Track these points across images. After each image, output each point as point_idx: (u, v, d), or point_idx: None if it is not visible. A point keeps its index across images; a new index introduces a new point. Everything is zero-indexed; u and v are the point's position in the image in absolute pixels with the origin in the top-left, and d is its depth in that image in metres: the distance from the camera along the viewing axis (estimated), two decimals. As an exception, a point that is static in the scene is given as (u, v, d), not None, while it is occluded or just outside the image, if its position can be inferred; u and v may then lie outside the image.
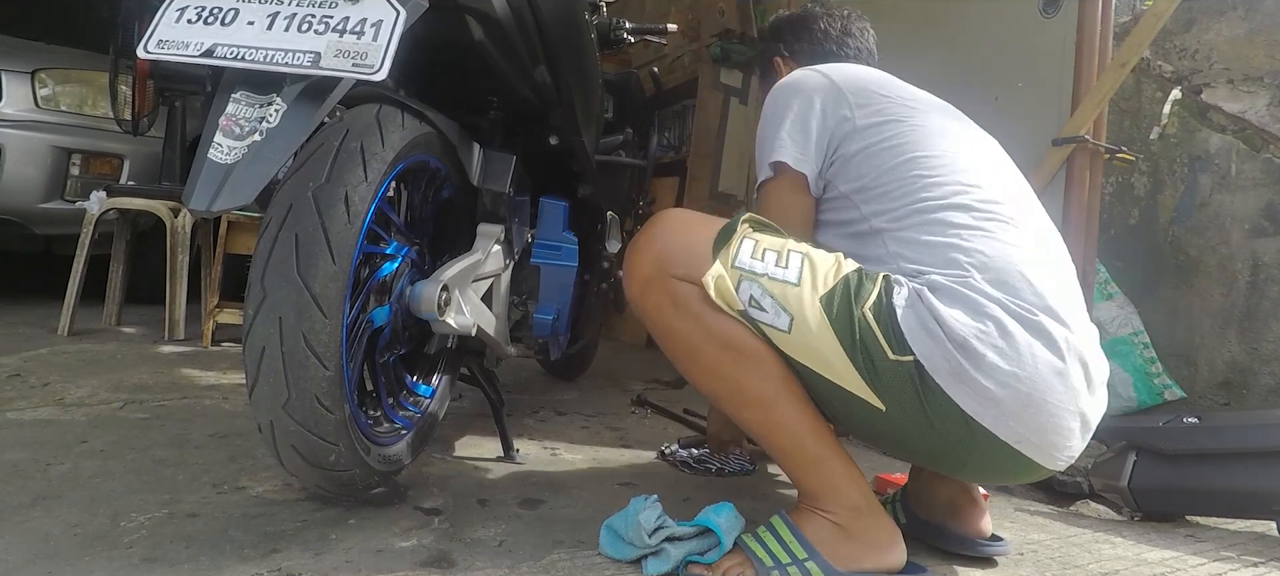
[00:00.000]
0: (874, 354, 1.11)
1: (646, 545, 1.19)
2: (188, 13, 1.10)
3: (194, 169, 1.03)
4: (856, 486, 1.19)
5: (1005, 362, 1.08)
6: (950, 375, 1.09)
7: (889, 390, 1.12)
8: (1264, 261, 2.54)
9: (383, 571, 1.12)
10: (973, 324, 1.09)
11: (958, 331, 1.08)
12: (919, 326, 1.10)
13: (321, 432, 1.12)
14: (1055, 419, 1.11)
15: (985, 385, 1.08)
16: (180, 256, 2.89)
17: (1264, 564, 1.49)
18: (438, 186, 1.49)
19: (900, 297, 1.12)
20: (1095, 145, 2.15)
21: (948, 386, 1.09)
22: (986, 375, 1.08)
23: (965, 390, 1.09)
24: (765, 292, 1.14)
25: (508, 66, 1.48)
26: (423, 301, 1.29)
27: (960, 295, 1.11)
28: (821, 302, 1.13)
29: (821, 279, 1.15)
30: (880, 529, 1.19)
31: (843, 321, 1.12)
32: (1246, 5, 2.69)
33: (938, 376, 1.09)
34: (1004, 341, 1.09)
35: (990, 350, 1.08)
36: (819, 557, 1.15)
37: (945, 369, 1.09)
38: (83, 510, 1.26)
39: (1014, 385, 1.08)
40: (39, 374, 2.17)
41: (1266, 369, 2.50)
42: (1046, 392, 1.10)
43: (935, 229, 1.19)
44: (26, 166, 3.07)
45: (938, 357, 1.09)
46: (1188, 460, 1.72)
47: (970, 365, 1.08)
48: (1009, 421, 1.10)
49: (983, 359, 1.08)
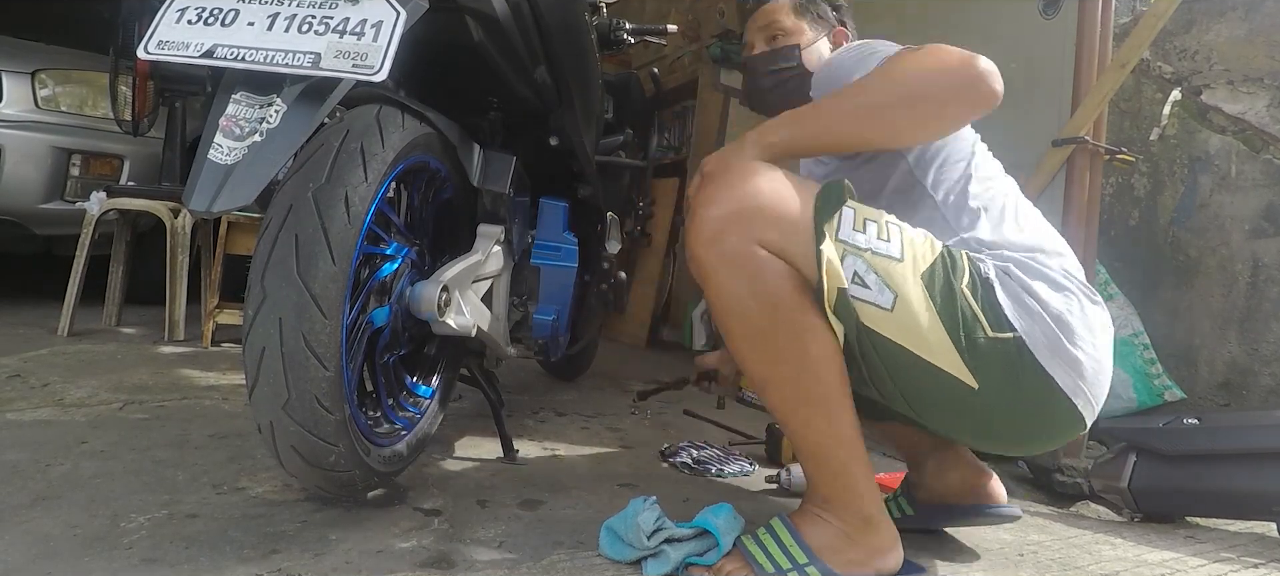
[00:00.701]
0: (974, 332, 1.11)
1: (645, 546, 1.19)
2: (188, 13, 1.10)
3: (194, 169, 1.03)
4: (873, 499, 1.18)
5: (1090, 334, 1.14)
6: (1048, 350, 1.12)
7: (984, 368, 1.11)
8: (1264, 262, 2.54)
9: (383, 572, 1.12)
10: (1061, 298, 1.14)
11: (1054, 306, 1.12)
12: (1015, 302, 1.12)
13: (321, 433, 1.11)
14: (1108, 382, 1.19)
15: (1078, 357, 1.12)
16: (180, 257, 2.89)
17: (1264, 565, 1.49)
18: (438, 187, 1.49)
19: (992, 272, 1.15)
20: (1095, 146, 2.15)
21: (1046, 361, 1.12)
22: (1079, 347, 1.12)
23: (1060, 363, 1.12)
24: (870, 268, 1.09)
25: (508, 67, 1.48)
26: (423, 302, 1.29)
27: (1039, 271, 1.16)
28: (923, 279, 1.11)
29: (921, 254, 1.13)
30: (884, 535, 1.19)
31: (946, 299, 1.10)
32: (1246, 6, 2.69)
33: (1037, 352, 1.11)
34: (1083, 314, 1.14)
35: (1078, 324, 1.13)
36: (820, 563, 1.14)
37: (1044, 343, 1.11)
38: (82, 511, 1.25)
39: (1096, 355, 1.14)
40: (39, 374, 2.17)
41: (1266, 370, 2.50)
42: (1109, 360, 1.18)
43: (989, 210, 1.24)
44: (26, 167, 3.07)
45: (1037, 333, 1.11)
46: (1188, 461, 1.72)
47: (1066, 339, 1.12)
48: (1088, 389, 1.15)
49: (1074, 332, 1.12)
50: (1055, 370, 1.12)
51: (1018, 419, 1.18)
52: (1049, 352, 1.12)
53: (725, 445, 2.03)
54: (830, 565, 1.14)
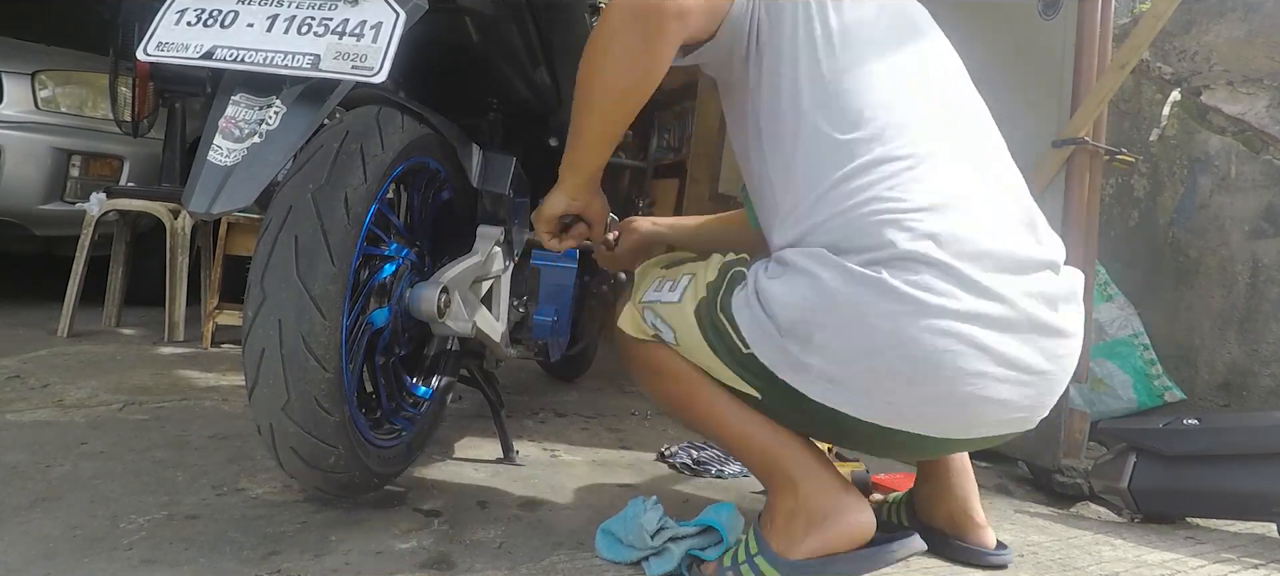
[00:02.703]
0: (734, 349, 1.09)
1: (649, 546, 1.19)
2: (187, 15, 1.10)
3: (193, 171, 1.03)
4: (789, 455, 1.13)
5: (838, 339, 0.99)
6: (788, 367, 1.03)
7: (757, 378, 1.09)
8: (1264, 263, 2.54)
9: (382, 573, 1.12)
10: (798, 301, 1.01)
11: (783, 317, 1.02)
12: (752, 319, 1.06)
13: (321, 435, 1.11)
14: (931, 384, 0.99)
15: (822, 368, 1.00)
16: (180, 258, 2.89)
17: (1264, 565, 1.48)
18: (437, 188, 1.49)
19: (737, 296, 1.09)
20: (1095, 147, 2.15)
21: (790, 379, 1.04)
22: (820, 356, 1.00)
23: (806, 379, 1.03)
24: (656, 316, 1.20)
25: (507, 68, 1.48)
26: (422, 303, 1.29)
27: (794, 261, 1.04)
28: (695, 313, 1.14)
29: (696, 291, 1.15)
30: (820, 497, 1.10)
31: (707, 325, 1.12)
32: (1246, 7, 2.69)
33: (778, 371, 1.05)
34: (833, 313, 0.99)
35: (819, 330, 1.00)
36: (767, 550, 1.11)
37: (781, 361, 1.04)
38: (82, 511, 1.25)
39: (852, 361, 1.00)
40: (38, 375, 2.17)
41: (1266, 370, 2.50)
42: (898, 356, 0.98)
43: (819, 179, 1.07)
44: (26, 168, 3.06)
45: (770, 349, 1.04)
46: (1188, 462, 1.72)
47: (802, 351, 1.01)
48: (867, 400, 1.02)
49: (812, 341, 1.00)
50: (802, 385, 1.03)
51: (816, 425, 1.11)
52: (788, 369, 1.04)
53: (725, 446, 2.03)
54: (776, 551, 1.10)
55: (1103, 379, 2.60)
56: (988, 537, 1.35)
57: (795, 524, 1.10)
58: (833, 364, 1.01)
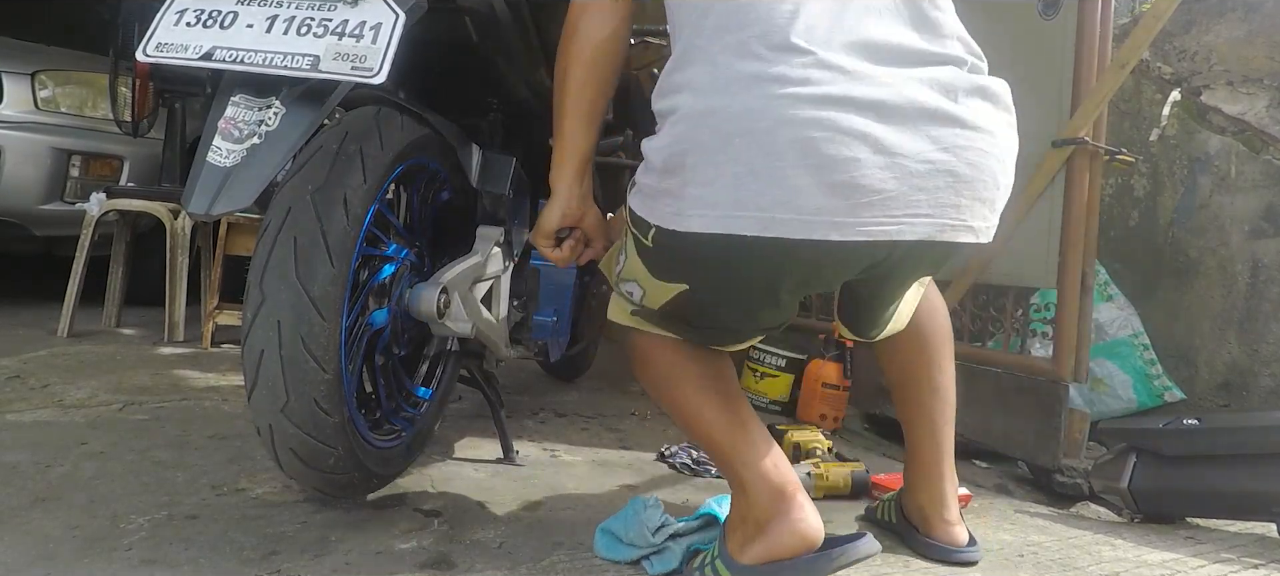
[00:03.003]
0: (647, 255, 1.09)
1: (651, 544, 1.19)
2: (187, 15, 1.10)
3: (193, 171, 1.03)
4: (742, 459, 1.11)
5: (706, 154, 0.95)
6: (674, 215, 0.99)
7: (672, 269, 1.08)
8: (1264, 263, 2.54)
9: (382, 573, 1.12)
10: (665, 143, 0.99)
11: (658, 161, 1.00)
12: (640, 199, 1.06)
13: (320, 435, 1.12)
14: (804, 176, 0.92)
15: (697, 192, 0.96)
16: (180, 258, 2.89)
17: (1264, 565, 1.48)
18: (437, 188, 1.49)
19: (630, 192, 1.10)
20: (1095, 147, 2.15)
21: (677, 226, 0.99)
22: (694, 178, 0.96)
23: (687, 213, 0.97)
24: (624, 281, 1.18)
25: (507, 68, 1.48)
26: (422, 304, 1.29)
27: (666, 106, 1.02)
28: (634, 248, 1.12)
29: (628, 241, 1.15)
30: (762, 503, 1.09)
31: (637, 248, 1.12)
32: (1246, 7, 2.69)
33: (665, 223, 1.01)
34: (689, 124, 0.97)
35: (689, 153, 0.96)
36: (723, 550, 1.11)
37: (666, 210, 1.00)
38: (82, 512, 1.26)
39: (722, 168, 0.94)
40: (38, 375, 2.17)
41: (1266, 370, 2.50)
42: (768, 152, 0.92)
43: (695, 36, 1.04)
44: (26, 168, 3.06)
45: (659, 209, 1.01)
46: (1188, 462, 1.72)
47: (679, 184, 0.98)
48: (737, 213, 0.94)
49: (683, 165, 0.97)
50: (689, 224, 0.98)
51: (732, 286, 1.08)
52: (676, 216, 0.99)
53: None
54: (730, 552, 1.10)
55: (1103, 379, 2.60)
56: (957, 535, 1.34)
57: (746, 527, 1.11)
58: (705, 183, 0.95)
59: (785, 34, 0.96)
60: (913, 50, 0.99)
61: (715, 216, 0.96)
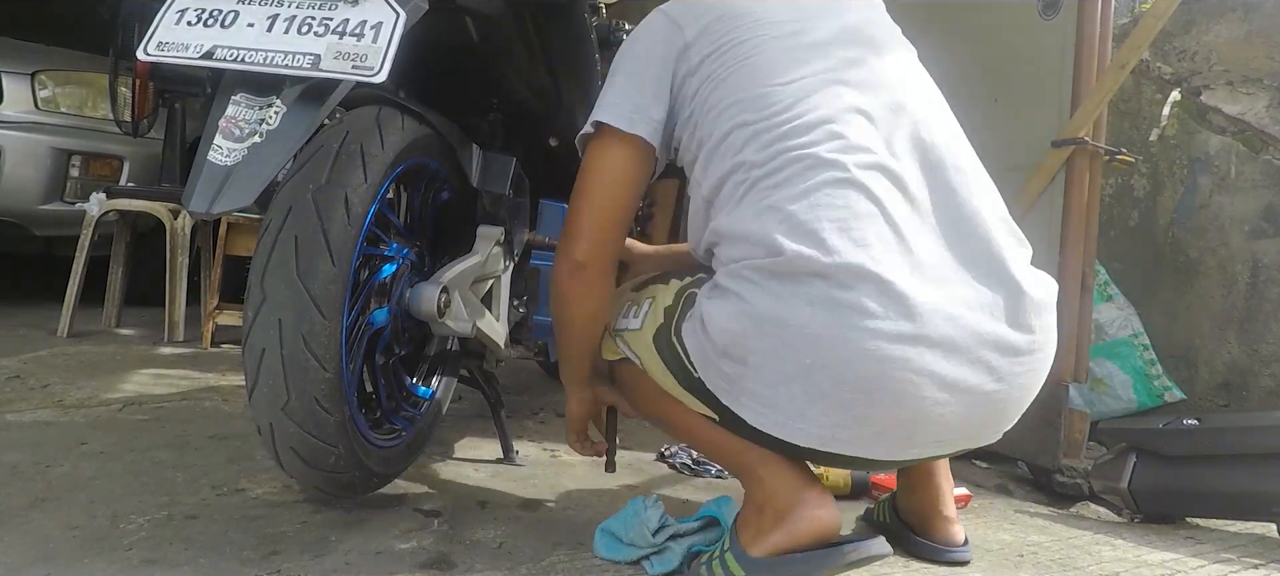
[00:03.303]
0: (687, 373, 1.11)
1: (651, 544, 1.19)
2: (187, 15, 1.10)
3: (194, 171, 1.03)
4: (749, 452, 1.10)
5: (770, 361, 0.98)
6: (726, 390, 1.04)
7: (708, 401, 1.09)
8: (1264, 263, 2.54)
9: (382, 573, 1.12)
10: (733, 326, 1.00)
11: (721, 341, 1.02)
12: (697, 343, 1.08)
13: (321, 435, 1.11)
14: (873, 410, 0.96)
15: (756, 391, 1.00)
16: (180, 258, 2.89)
17: (1264, 565, 1.48)
18: (437, 188, 1.49)
19: (689, 318, 1.11)
20: (1095, 147, 2.15)
21: (731, 404, 1.04)
22: (754, 378, 0.99)
23: (741, 402, 1.03)
24: (624, 342, 1.24)
25: (507, 68, 1.48)
26: (422, 303, 1.29)
27: (729, 284, 1.02)
28: (655, 339, 1.17)
29: (655, 317, 1.18)
30: (782, 490, 1.08)
31: (663, 349, 1.15)
32: (1245, 7, 2.69)
33: (721, 396, 1.05)
34: (762, 337, 0.97)
35: (753, 353, 0.99)
36: (736, 544, 1.10)
37: (721, 385, 1.05)
38: (82, 512, 1.25)
39: (786, 383, 0.97)
40: (38, 375, 2.17)
41: (1266, 370, 2.50)
42: (827, 377, 0.95)
43: (745, 192, 1.06)
44: (26, 168, 3.06)
45: (712, 373, 1.06)
46: (1188, 462, 1.72)
47: (738, 374, 1.01)
48: (799, 423, 0.99)
49: (746, 364, 1.00)
50: (740, 409, 1.03)
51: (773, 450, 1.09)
52: (727, 394, 1.04)
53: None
54: (743, 546, 1.09)
55: (1103, 379, 2.60)
56: (953, 533, 1.33)
57: (763, 518, 1.10)
58: (766, 386, 0.99)
59: (855, 247, 0.97)
60: (983, 272, 1.02)
61: (773, 420, 1.01)
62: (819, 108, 1.07)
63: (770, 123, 1.07)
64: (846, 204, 0.99)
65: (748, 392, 1.02)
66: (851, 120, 1.07)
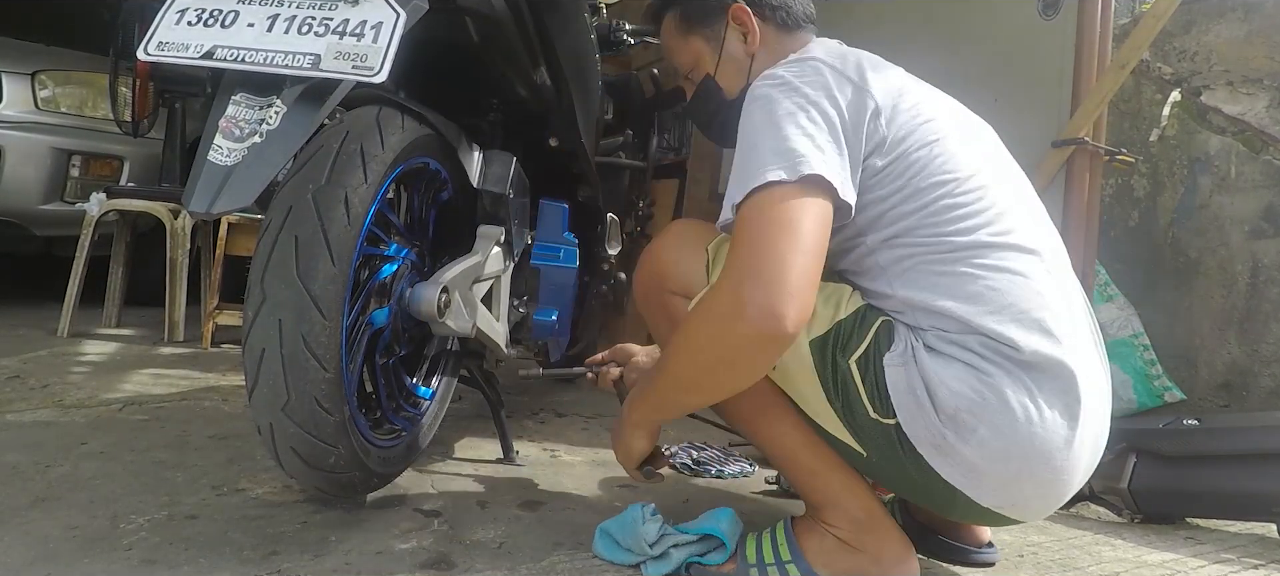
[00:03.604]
0: (855, 408, 1.06)
1: (648, 554, 1.19)
2: (188, 15, 1.10)
3: (194, 171, 1.03)
4: (857, 499, 1.15)
5: (998, 439, 1.01)
6: (932, 446, 1.03)
7: (868, 442, 1.08)
8: (1264, 263, 2.54)
9: (382, 573, 1.12)
10: (968, 394, 1.01)
11: (949, 404, 1.01)
12: (907, 390, 1.03)
13: (321, 435, 1.11)
14: (1051, 487, 1.06)
15: (971, 459, 1.02)
16: (180, 258, 2.89)
17: (1264, 565, 1.49)
18: (438, 188, 1.49)
19: (893, 354, 1.05)
20: (1095, 147, 2.15)
21: (928, 456, 1.04)
22: (975, 449, 1.01)
23: (947, 462, 1.03)
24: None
25: (507, 68, 1.48)
26: (423, 303, 1.29)
27: (960, 354, 1.03)
28: (813, 346, 1.08)
29: (821, 317, 1.08)
30: (887, 544, 1.14)
31: (829, 370, 1.07)
32: (1246, 7, 2.69)
33: (919, 446, 1.04)
34: (1003, 415, 1.00)
35: (984, 426, 1.00)
36: (801, 561, 1.13)
37: (927, 439, 1.03)
38: (82, 512, 1.25)
39: (1005, 462, 1.02)
40: (38, 375, 2.17)
41: (1267, 371, 2.50)
42: (1043, 465, 1.02)
43: (950, 268, 1.06)
44: (26, 168, 3.07)
45: (920, 427, 1.03)
46: (1188, 462, 1.72)
47: (957, 439, 1.01)
48: (993, 493, 1.05)
49: (973, 434, 1.01)
50: (940, 466, 1.04)
51: (918, 491, 1.13)
52: (931, 448, 1.03)
53: (725, 446, 2.03)
54: (816, 567, 1.12)
55: (1103, 379, 2.59)
56: (979, 534, 1.34)
57: (852, 559, 1.13)
58: (984, 459, 1.02)
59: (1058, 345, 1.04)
60: (1089, 336, 1.12)
61: (974, 486, 1.04)
62: (1005, 201, 1.11)
63: (972, 208, 1.08)
64: (1052, 298, 1.06)
65: (957, 456, 1.03)
66: (1029, 215, 1.14)
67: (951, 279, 1.06)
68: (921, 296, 1.06)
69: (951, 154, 1.11)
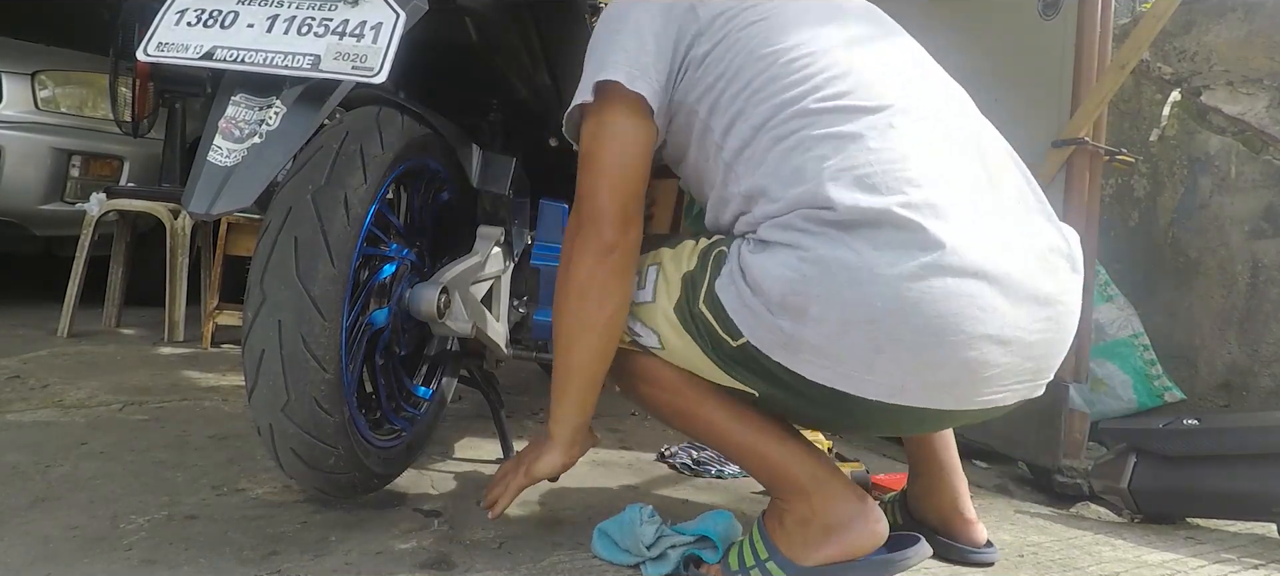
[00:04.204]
0: (721, 343, 1.04)
1: (645, 555, 1.19)
2: (187, 15, 1.10)
3: (193, 171, 1.03)
4: (799, 464, 1.10)
5: (832, 308, 0.93)
6: (781, 348, 0.98)
7: (750, 375, 1.04)
8: (1264, 263, 2.54)
9: (382, 573, 1.12)
10: (788, 275, 0.95)
11: (775, 293, 0.96)
12: (738, 302, 1.01)
13: (321, 435, 1.11)
14: (938, 343, 0.94)
15: (818, 343, 0.95)
16: (180, 258, 2.89)
17: (1264, 565, 1.49)
18: (437, 189, 1.49)
19: (722, 276, 1.03)
20: (1095, 147, 2.15)
21: (785, 361, 0.99)
22: (814, 329, 0.94)
23: (801, 358, 0.97)
24: (634, 318, 1.13)
25: (507, 68, 1.48)
26: (422, 304, 1.29)
27: (782, 237, 0.98)
28: (676, 311, 1.09)
29: (671, 287, 1.10)
30: (835, 505, 1.08)
31: (688, 320, 1.07)
32: (1246, 7, 2.69)
33: (773, 354, 0.99)
34: (824, 281, 0.93)
35: (813, 302, 0.94)
36: (778, 555, 1.10)
37: (773, 341, 0.98)
38: (82, 512, 1.25)
39: (849, 329, 0.93)
40: (38, 375, 2.17)
41: (1267, 371, 2.50)
42: (899, 318, 0.92)
43: (778, 147, 1.03)
44: (26, 168, 3.06)
45: (763, 332, 0.99)
46: (1188, 462, 1.72)
47: (795, 326, 0.95)
48: (870, 376, 0.96)
49: (805, 314, 0.94)
50: (800, 366, 0.98)
51: (837, 414, 1.09)
52: (782, 349, 0.98)
53: (725, 446, 2.03)
54: (788, 556, 1.09)
55: (1103, 379, 2.59)
56: (977, 534, 1.34)
57: (809, 531, 1.09)
58: (830, 338, 0.95)
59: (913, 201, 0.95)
60: (1023, 217, 1.04)
61: (837, 373, 0.97)
62: (845, 63, 1.06)
63: (800, 77, 1.05)
64: (898, 150, 0.99)
65: (808, 346, 0.96)
66: (880, 73, 1.08)
67: (778, 157, 1.02)
68: (749, 183, 1.04)
69: (778, 29, 1.09)
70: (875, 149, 0.98)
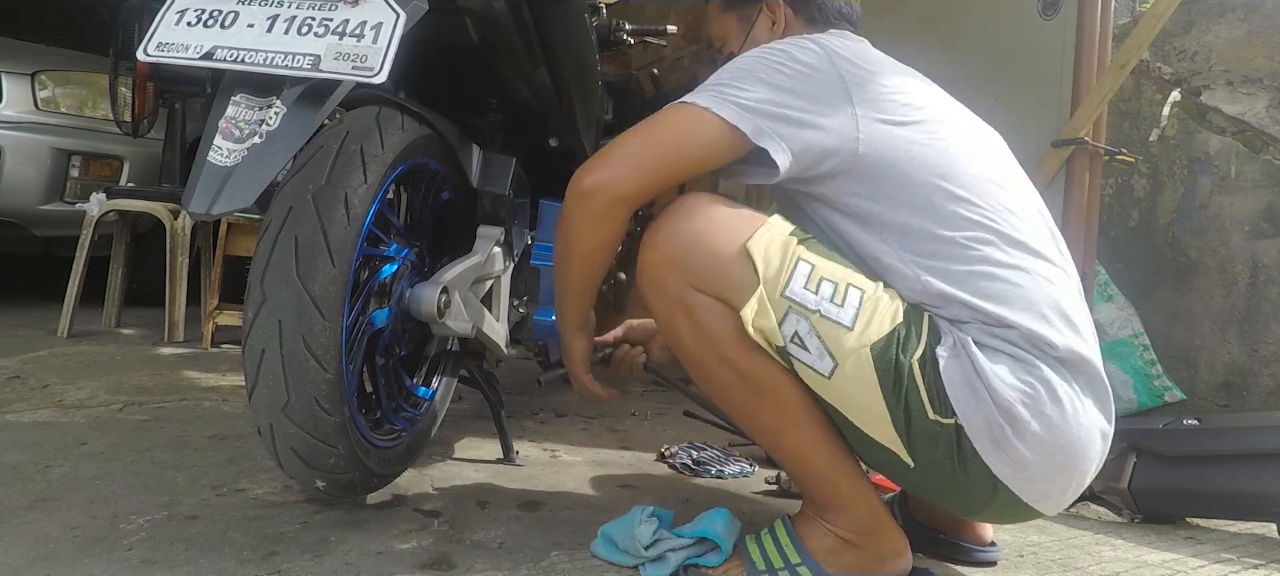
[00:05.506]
0: (914, 412, 1.04)
1: (644, 556, 1.19)
2: (187, 15, 1.10)
3: (193, 171, 1.03)
4: (866, 504, 1.15)
5: (1050, 432, 1.04)
6: (990, 440, 1.04)
7: (921, 448, 1.06)
8: (1264, 263, 2.54)
9: (382, 573, 1.12)
10: (1019, 386, 1.03)
11: (1004, 396, 1.02)
12: (963, 383, 1.03)
13: (321, 435, 1.11)
14: (1081, 479, 1.10)
15: (1023, 453, 1.04)
16: (180, 258, 2.89)
17: (1264, 565, 1.49)
18: (438, 189, 1.49)
19: (944, 348, 1.05)
20: (1095, 147, 2.15)
21: (984, 451, 1.04)
22: (1029, 443, 1.03)
23: (1002, 456, 1.04)
24: (813, 331, 1.04)
25: (507, 69, 1.48)
26: (422, 303, 1.29)
27: (1005, 348, 1.05)
28: (872, 352, 1.04)
29: (878, 322, 1.05)
30: (887, 540, 1.17)
31: (889, 376, 1.04)
32: (1246, 7, 2.69)
33: (976, 441, 1.04)
34: (1053, 407, 1.04)
35: (1036, 419, 1.03)
36: (811, 562, 1.14)
37: (985, 433, 1.04)
38: (82, 512, 1.25)
39: (1052, 454, 1.05)
40: (38, 376, 2.17)
41: (1267, 371, 2.50)
42: (1082, 457, 1.07)
43: (970, 267, 1.08)
44: (26, 168, 3.07)
45: (979, 421, 1.03)
46: (1188, 462, 1.72)
47: (1013, 433, 1.03)
48: (1035, 484, 1.08)
49: (1027, 427, 1.03)
50: (994, 461, 1.05)
51: (965, 498, 1.13)
52: (990, 442, 1.04)
53: (725, 446, 2.03)
54: (824, 567, 1.14)
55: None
56: (982, 532, 1.36)
57: (855, 554, 1.15)
58: (1036, 453, 1.04)
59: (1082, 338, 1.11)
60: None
61: (1020, 480, 1.06)
62: (1006, 202, 1.14)
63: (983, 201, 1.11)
64: (1069, 297, 1.11)
65: (1010, 451, 1.04)
66: (1029, 214, 1.17)
67: (975, 276, 1.08)
68: (952, 289, 1.07)
69: (950, 152, 1.14)
70: (1062, 292, 1.11)
